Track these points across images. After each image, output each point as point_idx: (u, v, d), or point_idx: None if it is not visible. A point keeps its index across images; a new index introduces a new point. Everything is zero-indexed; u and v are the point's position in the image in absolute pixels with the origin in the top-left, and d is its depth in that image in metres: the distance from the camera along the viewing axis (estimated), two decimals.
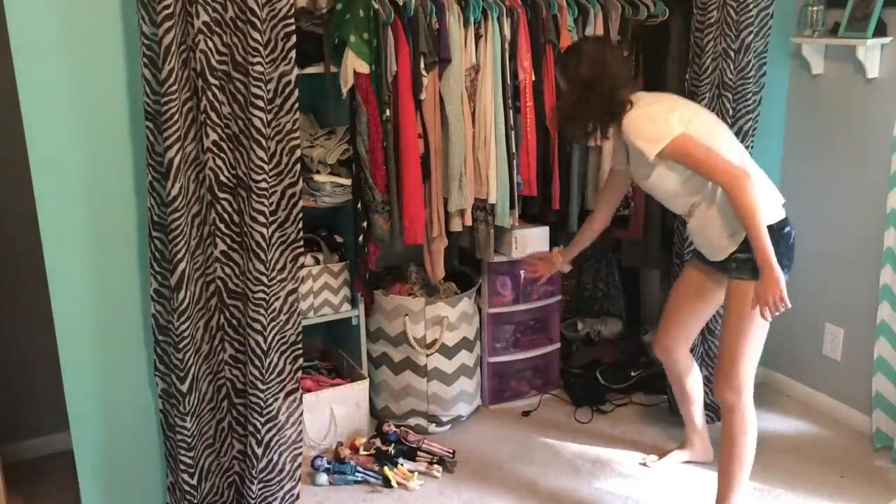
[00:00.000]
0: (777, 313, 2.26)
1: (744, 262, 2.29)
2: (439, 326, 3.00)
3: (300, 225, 2.40)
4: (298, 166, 2.36)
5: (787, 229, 2.32)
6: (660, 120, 2.23)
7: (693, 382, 2.79)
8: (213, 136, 2.27)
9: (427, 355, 3.02)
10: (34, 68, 2.14)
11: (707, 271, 2.51)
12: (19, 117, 2.15)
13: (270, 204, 2.32)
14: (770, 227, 2.21)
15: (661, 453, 2.92)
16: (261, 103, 2.24)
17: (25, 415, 2.94)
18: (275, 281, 2.38)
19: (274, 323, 2.40)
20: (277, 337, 2.42)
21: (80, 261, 2.30)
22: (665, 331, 2.70)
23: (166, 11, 2.08)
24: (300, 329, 2.47)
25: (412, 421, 3.09)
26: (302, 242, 2.43)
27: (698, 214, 2.35)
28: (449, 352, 3.05)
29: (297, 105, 2.31)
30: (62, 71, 2.17)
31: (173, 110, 2.15)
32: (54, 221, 2.24)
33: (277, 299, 2.39)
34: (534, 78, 2.87)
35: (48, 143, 2.19)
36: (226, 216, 2.35)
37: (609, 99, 2.27)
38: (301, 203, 2.39)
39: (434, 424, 3.09)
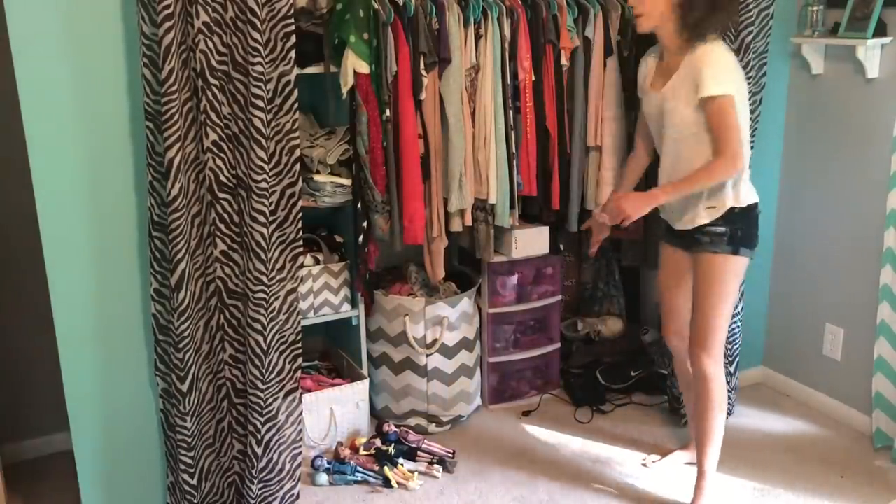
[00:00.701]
0: (607, 220, 2.49)
1: (719, 236, 2.41)
2: (439, 326, 3.00)
3: (300, 225, 2.40)
4: (298, 166, 2.36)
5: (758, 210, 2.46)
6: (734, 73, 2.31)
7: None
8: (213, 136, 2.27)
9: (427, 355, 3.02)
10: (34, 68, 2.14)
11: (679, 254, 2.59)
12: (19, 117, 2.15)
13: (270, 204, 2.32)
14: (750, 206, 2.41)
15: (663, 453, 2.93)
16: (261, 103, 2.24)
17: (25, 415, 2.94)
18: (274, 281, 2.38)
19: (273, 322, 2.40)
20: (277, 336, 2.43)
21: (81, 261, 2.30)
22: (669, 319, 2.75)
23: (166, 11, 2.09)
24: (299, 329, 2.47)
25: (412, 421, 3.09)
26: (301, 242, 2.43)
27: (697, 161, 2.37)
28: (449, 352, 3.05)
29: (296, 105, 2.32)
30: (62, 71, 2.17)
31: (173, 110, 2.15)
32: (54, 221, 2.24)
33: (277, 299, 2.39)
34: (534, 78, 2.87)
35: (48, 143, 2.19)
36: (226, 216, 2.35)
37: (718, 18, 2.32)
38: (300, 203, 2.39)
39: (434, 424, 3.09)
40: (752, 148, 2.92)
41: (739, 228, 2.41)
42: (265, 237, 2.32)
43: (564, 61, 2.90)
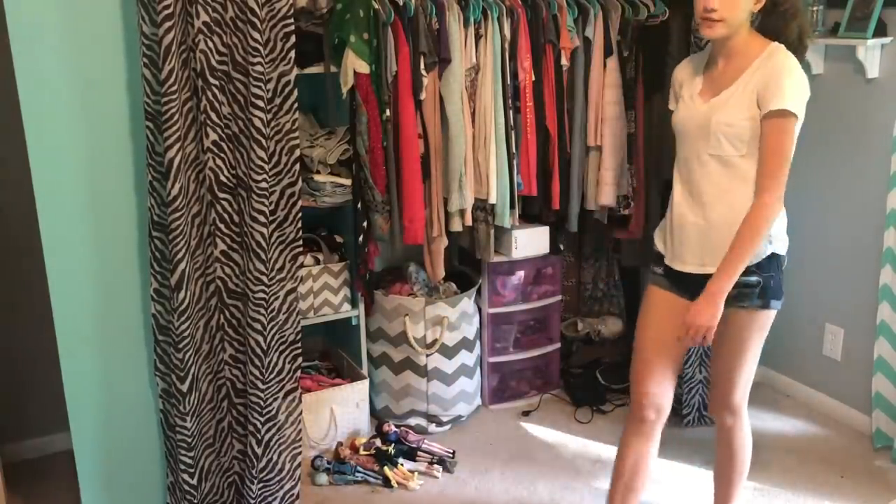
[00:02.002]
0: (690, 344, 2.07)
1: (749, 288, 2.05)
2: (439, 326, 3.00)
3: (299, 224, 2.40)
4: (297, 166, 2.36)
5: (785, 254, 2.19)
6: (806, 86, 1.99)
7: (645, 473, 2.36)
8: (213, 136, 2.27)
9: (427, 355, 3.02)
10: (34, 68, 2.13)
11: (677, 302, 2.17)
12: (19, 117, 2.15)
13: (270, 204, 2.32)
14: (779, 256, 2.12)
15: None
16: (261, 103, 2.24)
17: (25, 415, 2.94)
18: (274, 281, 2.38)
19: (273, 323, 2.40)
20: (277, 336, 2.43)
21: (81, 261, 2.30)
22: (643, 378, 2.24)
23: (166, 11, 2.09)
24: (299, 328, 2.47)
25: (412, 421, 3.09)
26: (301, 242, 2.43)
27: (720, 210, 2.07)
28: (449, 352, 3.05)
29: (296, 105, 2.31)
30: (62, 71, 2.17)
31: (173, 110, 2.15)
32: (54, 221, 2.24)
33: (277, 299, 2.39)
34: (534, 78, 2.87)
35: (48, 143, 2.19)
36: (226, 216, 2.35)
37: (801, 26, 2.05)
38: (300, 203, 2.39)
39: (434, 424, 3.09)
40: None
41: (772, 277, 2.09)
42: (265, 237, 2.32)
43: (564, 61, 2.90)
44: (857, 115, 2.96)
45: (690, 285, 2.13)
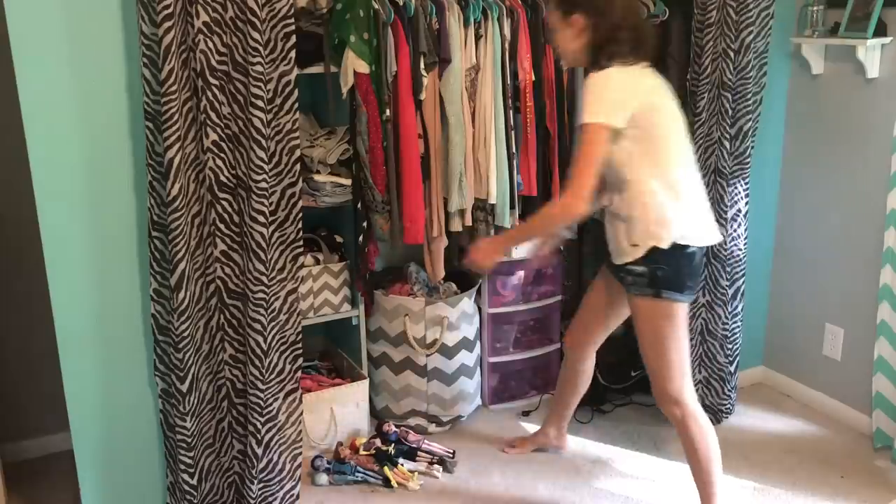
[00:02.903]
0: (475, 266, 2.39)
1: (639, 276, 2.24)
2: (439, 327, 3.00)
3: (300, 225, 2.40)
4: (298, 166, 2.36)
5: (690, 249, 2.24)
6: (610, 96, 2.14)
7: (585, 381, 2.82)
8: (213, 136, 2.27)
9: (427, 355, 3.02)
10: (34, 68, 2.13)
11: (612, 280, 2.43)
12: (19, 117, 2.15)
13: (270, 204, 2.32)
14: (672, 249, 2.20)
15: (520, 443, 3.00)
16: (261, 103, 2.24)
17: (25, 415, 2.94)
18: (274, 281, 2.38)
19: (274, 323, 2.40)
20: (277, 337, 2.43)
21: (80, 261, 2.30)
22: (575, 330, 2.73)
23: (166, 11, 2.08)
24: (300, 329, 2.47)
25: (412, 421, 3.08)
26: (301, 242, 2.43)
27: (622, 208, 2.26)
28: (449, 352, 3.04)
29: (297, 105, 2.31)
30: (62, 71, 2.17)
31: (173, 110, 2.15)
32: (54, 221, 2.24)
33: (277, 299, 2.39)
34: (534, 78, 2.87)
35: (48, 143, 2.19)
36: (226, 216, 2.35)
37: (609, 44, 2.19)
38: (301, 203, 2.39)
39: (434, 424, 3.09)
40: (752, 147, 2.93)
41: (660, 269, 2.21)
42: (265, 237, 2.32)
43: None
44: (857, 115, 2.96)
45: (615, 272, 2.38)
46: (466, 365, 3.12)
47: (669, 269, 2.21)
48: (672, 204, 2.21)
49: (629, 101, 2.14)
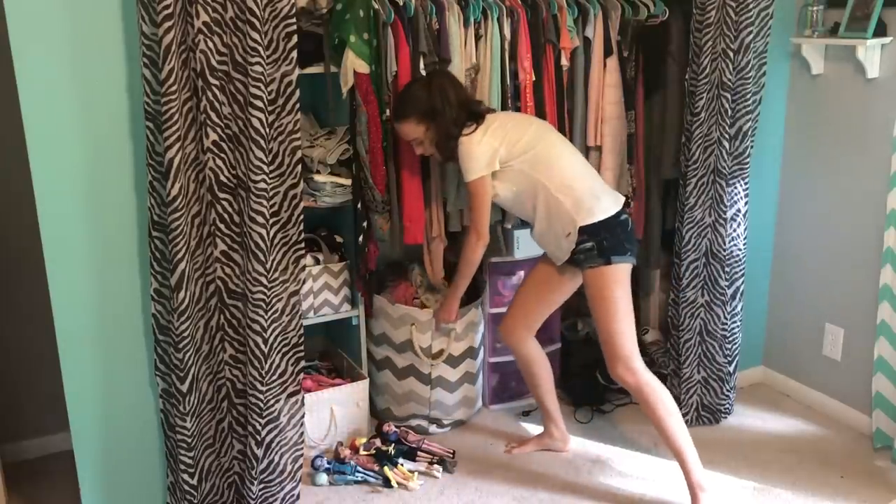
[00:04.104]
0: (442, 326, 2.92)
1: (589, 251, 2.52)
2: (446, 338, 3.00)
3: (301, 226, 2.40)
4: (300, 167, 2.35)
5: (623, 217, 2.56)
6: (478, 153, 2.53)
7: (543, 369, 2.90)
8: (214, 136, 2.27)
9: (432, 365, 3.01)
10: (34, 68, 2.13)
11: (553, 267, 2.70)
12: (19, 117, 2.15)
13: (272, 205, 2.32)
14: (607, 219, 2.52)
15: (522, 442, 3.02)
16: (260, 104, 2.23)
17: (25, 415, 2.95)
18: (276, 282, 2.37)
19: (276, 324, 2.40)
20: (280, 338, 2.42)
21: (81, 261, 2.30)
22: (510, 315, 2.85)
23: (166, 11, 2.08)
24: (302, 331, 2.47)
25: (413, 422, 3.08)
26: (303, 244, 2.42)
27: (539, 217, 2.58)
28: (454, 361, 3.04)
29: (298, 105, 2.31)
30: (62, 71, 2.17)
31: (173, 110, 2.15)
32: (54, 221, 2.24)
33: (279, 300, 2.39)
34: (534, 78, 2.87)
35: (48, 143, 2.19)
36: (226, 216, 2.35)
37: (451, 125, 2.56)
38: (302, 204, 2.38)
39: (435, 426, 3.09)
40: (751, 147, 2.93)
41: (605, 239, 2.51)
42: (264, 238, 2.32)
43: (564, 61, 2.90)
44: (857, 115, 2.96)
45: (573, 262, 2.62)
46: (470, 372, 3.12)
47: (611, 236, 2.51)
48: (573, 189, 2.53)
49: (493, 148, 2.54)
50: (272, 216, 2.32)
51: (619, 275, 2.54)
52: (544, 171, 2.54)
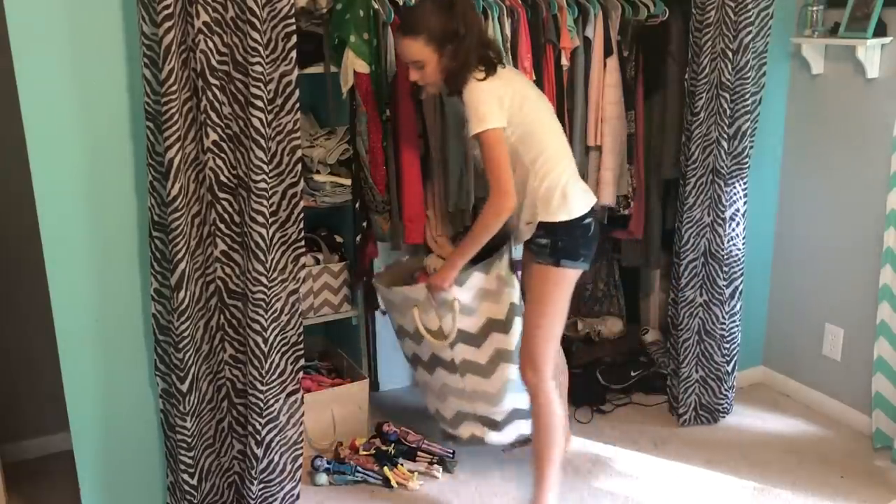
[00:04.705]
0: (436, 295, 2.52)
1: (542, 247, 2.42)
2: (451, 312, 2.57)
3: (301, 225, 2.40)
4: (299, 167, 2.35)
5: (587, 221, 2.44)
6: (493, 101, 2.31)
7: (559, 372, 2.77)
8: (214, 136, 2.27)
9: (450, 347, 2.62)
10: (34, 68, 2.13)
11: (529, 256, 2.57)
12: (19, 117, 2.15)
13: (271, 205, 2.32)
14: (570, 221, 2.39)
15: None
16: (260, 103, 2.23)
17: (25, 415, 2.94)
18: (276, 282, 2.37)
19: (276, 324, 2.40)
20: (279, 338, 2.42)
21: (81, 261, 2.30)
22: None
23: (166, 11, 2.08)
24: (301, 330, 2.47)
25: (464, 430, 2.77)
26: (303, 243, 2.42)
27: (518, 189, 2.39)
28: (474, 339, 2.62)
29: (297, 105, 2.31)
30: (62, 71, 2.17)
31: (173, 110, 2.15)
32: (54, 221, 2.24)
33: (279, 300, 2.39)
34: (534, 78, 2.87)
35: (48, 143, 2.19)
36: (226, 216, 2.35)
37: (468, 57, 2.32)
38: (302, 203, 2.38)
39: (489, 429, 2.74)
40: (750, 147, 2.93)
41: (561, 240, 2.39)
42: (264, 238, 2.32)
43: (565, 61, 2.90)
44: (857, 115, 2.96)
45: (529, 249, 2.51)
46: (505, 350, 2.64)
47: (569, 239, 2.40)
48: (549, 180, 2.38)
49: (503, 102, 2.32)
50: (271, 215, 2.32)
51: (563, 278, 2.44)
52: (533, 147, 2.37)
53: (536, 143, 2.38)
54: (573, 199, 2.40)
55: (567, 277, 2.45)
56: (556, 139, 2.45)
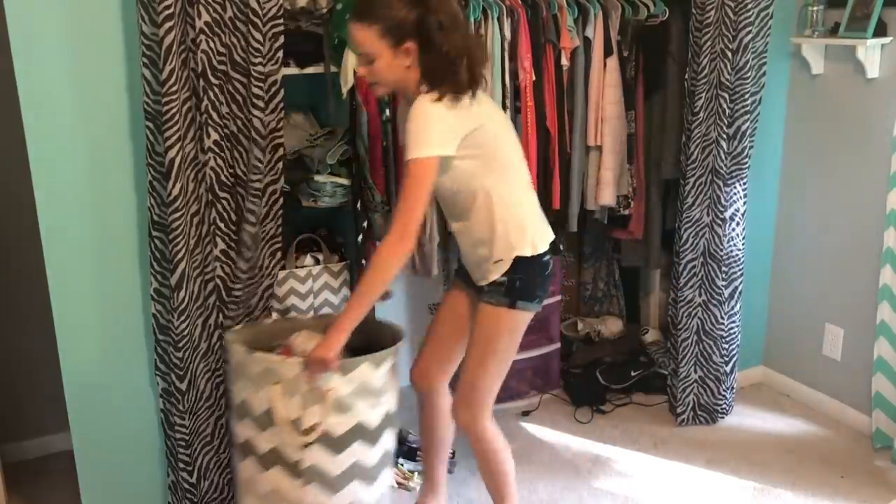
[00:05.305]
0: (315, 375, 2.01)
1: (497, 286, 2.13)
2: (321, 404, 2.05)
3: (280, 221, 2.41)
4: (281, 164, 2.37)
5: (546, 259, 2.19)
6: (442, 127, 1.97)
7: (447, 431, 2.50)
8: (214, 136, 2.27)
9: (304, 446, 2.07)
10: (34, 68, 2.14)
11: (466, 291, 2.32)
12: (19, 117, 2.15)
13: (264, 204, 2.33)
14: (532, 257, 2.13)
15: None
16: (261, 103, 2.24)
17: (25, 415, 2.95)
18: (254, 278, 2.39)
19: (248, 319, 2.41)
20: None
21: (81, 261, 2.30)
22: (422, 354, 2.44)
23: (167, 12, 2.09)
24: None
25: None
26: (280, 239, 2.43)
27: (472, 228, 2.15)
28: (335, 444, 2.08)
29: (282, 104, 2.32)
30: (62, 71, 2.17)
31: (174, 110, 2.15)
32: (55, 221, 2.24)
33: (253, 296, 2.40)
34: (534, 78, 2.87)
35: (48, 144, 2.19)
36: (225, 215, 2.35)
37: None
38: (281, 200, 2.39)
39: None
40: (750, 147, 2.93)
41: (519, 278, 2.12)
42: (252, 237, 2.33)
43: (565, 61, 2.90)
44: (857, 115, 2.96)
45: (473, 285, 2.26)
46: (362, 464, 2.13)
47: (527, 277, 2.14)
48: (521, 209, 2.15)
49: (459, 126, 2.00)
50: (264, 217, 2.34)
51: (516, 322, 2.17)
52: (498, 174, 2.09)
53: (499, 171, 2.10)
54: (539, 233, 2.18)
55: (521, 321, 2.19)
56: (523, 170, 2.20)
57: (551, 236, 2.23)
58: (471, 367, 2.22)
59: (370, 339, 2.20)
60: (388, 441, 2.21)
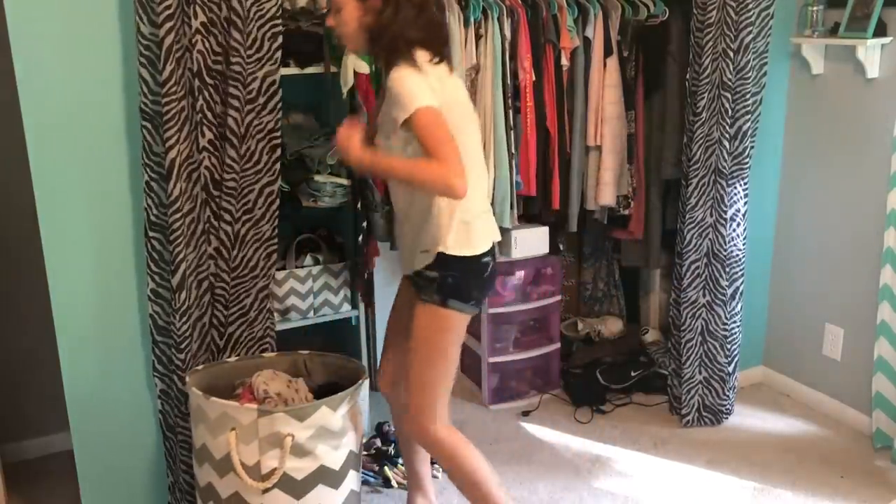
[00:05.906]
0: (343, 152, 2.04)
1: (429, 281, 2.06)
2: (279, 449, 2.04)
3: (276, 223, 2.41)
4: (278, 165, 2.37)
5: (486, 259, 2.11)
6: (425, 88, 1.94)
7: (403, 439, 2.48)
8: (209, 136, 2.28)
9: (263, 491, 2.06)
10: (34, 68, 2.14)
11: (410, 294, 2.21)
12: (18, 117, 2.15)
13: (245, 203, 2.33)
14: (467, 258, 2.06)
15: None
16: (236, 103, 2.25)
17: (25, 415, 2.95)
18: (246, 278, 2.39)
19: (244, 319, 2.41)
20: (246, 333, 2.43)
21: (80, 261, 2.30)
22: (384, 357, 2.42)
23: (167, 12, 2.09)
24: (269, 325, 2.48)
25: None
26: (276, 240, 2.43)
27: (413, 210, 2.10)
28: (296, 488, 2.08)
29: (280, 105, 2.32)
30: (62, 72, 2.17)
31: (174, 111, 2.15)
32: (54, 222, 2.24)
33: (248, 296, 2.40)
34: (534, 78, 2.87)
35: (48, 144, 2.19)
36: (220, 214, 2.36)
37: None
38: (278, 201, 2.39)
39: None
40: (751, 147, 2.93)
41: (452, 276, 2.05)
42: (229, 235, 2.34)
43: (565, 61, 2.90)
44: (857, 115, 2.96)
45: (413, 282, 2.17)
46: None
47: (461, 277, 2.07)
48: (467, 203, 2.04)
49: (436, 94, 1.96)
50: (245, 213, 2.34)
51: (449, 322, 2.09)
52: None
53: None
54: (479, 234, 2.09)
55: (454, 321, 2.10)
56: (480, 166, 2.14)
57: (497, 237, 2.17)
58: (410, 374, 2.16)
59: (338, 377, 2.27)
60: (353, 482, 2.21)
